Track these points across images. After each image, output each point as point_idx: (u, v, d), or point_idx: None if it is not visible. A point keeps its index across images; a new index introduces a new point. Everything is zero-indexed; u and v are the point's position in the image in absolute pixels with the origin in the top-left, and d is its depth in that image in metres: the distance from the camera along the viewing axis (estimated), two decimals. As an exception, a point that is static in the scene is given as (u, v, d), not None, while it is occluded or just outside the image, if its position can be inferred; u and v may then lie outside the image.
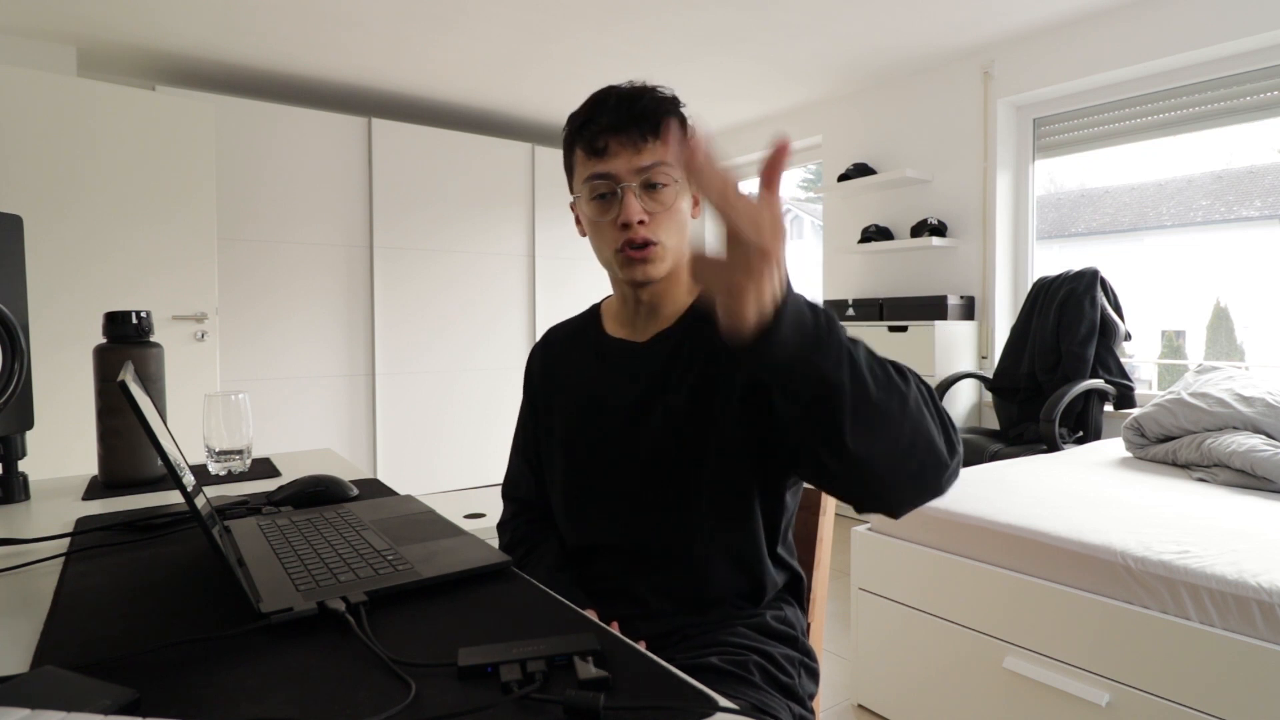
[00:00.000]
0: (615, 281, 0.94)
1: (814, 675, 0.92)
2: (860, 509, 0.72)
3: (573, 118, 0.89)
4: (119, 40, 3.12)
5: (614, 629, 0.85)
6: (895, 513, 0.70)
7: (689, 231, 0.90)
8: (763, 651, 0.85)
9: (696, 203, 0.92)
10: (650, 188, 0.85)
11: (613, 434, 0.91)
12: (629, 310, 0.95)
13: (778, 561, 0.91)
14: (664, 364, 0.90)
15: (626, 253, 0.86)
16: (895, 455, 0.64)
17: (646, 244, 0.85)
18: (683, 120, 0.89)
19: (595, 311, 1.03)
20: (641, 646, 0.84)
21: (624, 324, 0.97)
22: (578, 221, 0.93)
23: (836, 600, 2.51)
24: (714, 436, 0.86)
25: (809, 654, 0.91)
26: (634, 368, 0.92)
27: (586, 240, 0.93)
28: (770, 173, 0.55)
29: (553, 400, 1.00)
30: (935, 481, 0.67)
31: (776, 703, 0.82)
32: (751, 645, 0.85)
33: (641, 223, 0.84)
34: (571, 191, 0.92)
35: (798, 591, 0.95)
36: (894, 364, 0.67)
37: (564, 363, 1.01)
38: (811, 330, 0.59)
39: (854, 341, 0.63)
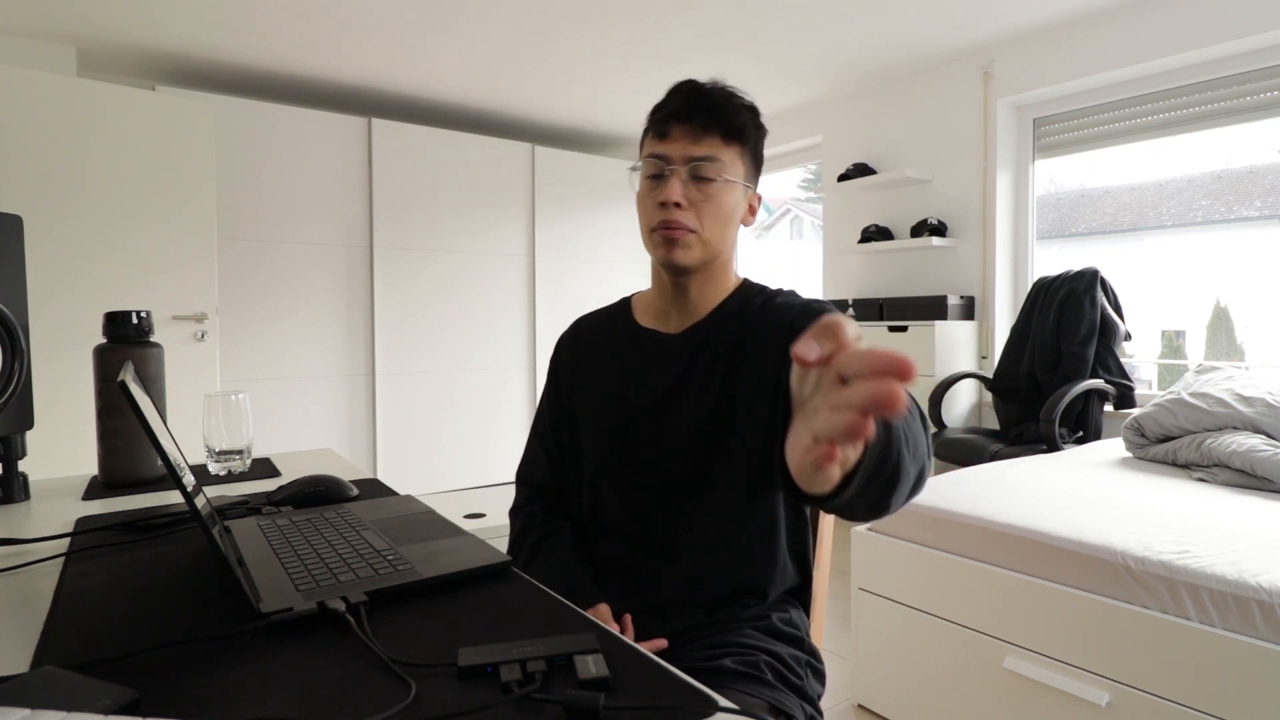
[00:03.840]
0: (654, 270, 0.95)
1: (820, 676, 0.92)
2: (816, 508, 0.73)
3: (654, 107, 0.92)
4: (119, 40, 3.12)
5: (627, 622, 0.86)
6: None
7: (732, 231, 0.92)
8: (771, 652, 0.86)
9: (753, 210, 0.94)
10: (699, 179, 0.87)
11: (640, 423, 0.92)
12: (664, 300, 0.96)
13: (794, 556, 0.92)
14: (693, 357, 0.91)
15: (661, 232, 0.88)
16: (897, 496, 0.64)
17: (679, 227, 0.87)
18: (756, 126, 0.90)
19: (626, 303, 1.04)
20: (662, 644, 0.85)
21: (657, 315, 0.98)
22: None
23: (836, 600, 2.51)
24: (739, 431, 0.86)
25: (814, 654, 0.92)
26: (664, 359, 0.93)
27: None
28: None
29: (579, 389, 1.01)
30: (906, 501, 0.68)
31: (791, 702, 0.82)
32: (760, 646, 0.86)
33: (679, 205, 0.86)
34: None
35: (803, 594, 0.96)
36: (919, 411, 0.67)
37: (593, 352, 1.01)
38: (877, 458, 0.56)
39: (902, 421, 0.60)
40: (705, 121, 0.87)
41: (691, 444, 0.88)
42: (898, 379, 0.37)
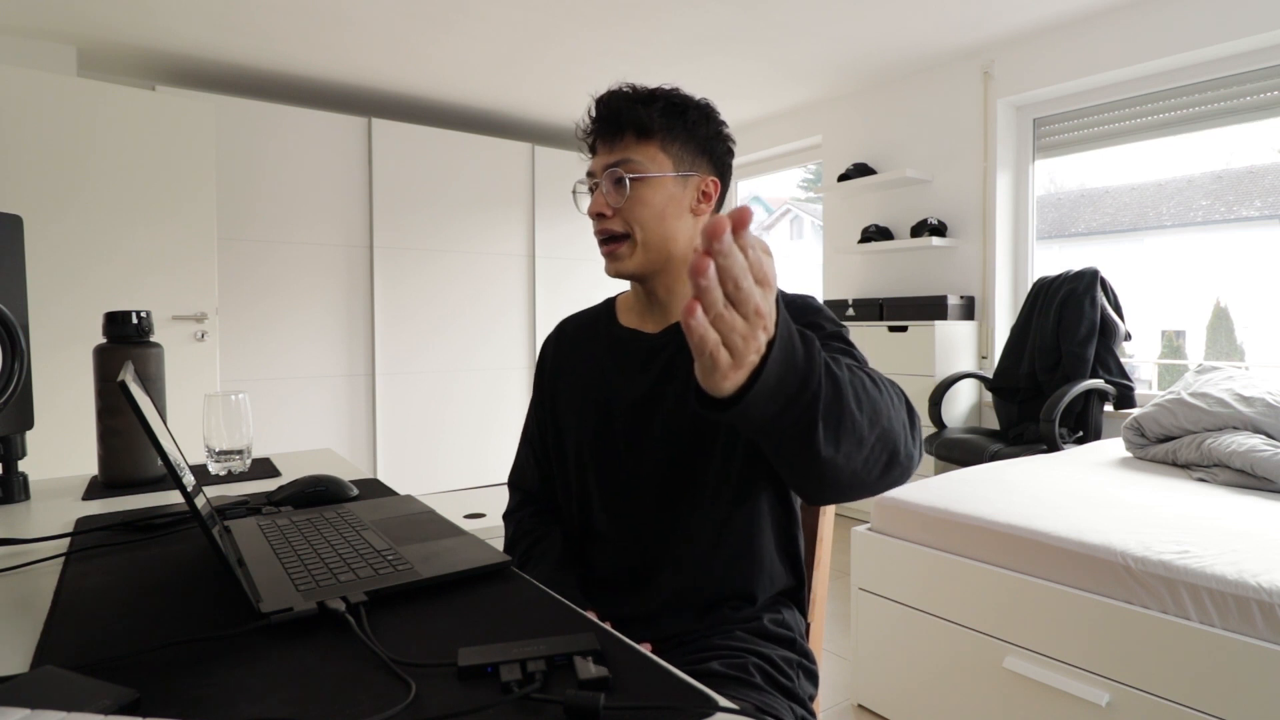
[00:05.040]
0: None
1: (812, 677, 0.92)
2: (808, 501, 0.73)
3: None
4: (119, 40, 3.12)
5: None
6: (836, 502, 0.72)
7: (672, 225, 0.89)
8: (760, 654, 0.85)
9: (708, 198, 0.92)
10: (619, 183, 0.88)
11: (622, 424, 0.92)
12: (642, 302, 0.96)
13: (784, 557, 0.92)
14: (674, 355, 0.90)
15: (601, 247, 0.90)
16: (857, 463, 0.63)
17: (611, 239, 0.89)
18: (674, 113, 0.89)
19: (610, 304, 1.04)
20: (647, 649, 0.85)
21: (637, 315, 0.98)
22: None
23: (836, 600, 2.51)
24: (722, 433, 0.86)
25: (807, 656, 0.91)
26: (645, 358, 0.93)
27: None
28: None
29: (561, 390, 1.00)
30: (885, 485, 0.69)
31: (779, 704, 0.82)
32: (749, 648, 0.85)
33: (602, 215, 0.88)
34: None
35: (797, 595, 0.95)
36: (870, 375, 0.66)
37: (575, 353, 1.01)
38: (796, 372, 0.55)
39: (833, 358, 0.61)
40: (615, 128, 0.88)
41: (672, 446, 0.88)
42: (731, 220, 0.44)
